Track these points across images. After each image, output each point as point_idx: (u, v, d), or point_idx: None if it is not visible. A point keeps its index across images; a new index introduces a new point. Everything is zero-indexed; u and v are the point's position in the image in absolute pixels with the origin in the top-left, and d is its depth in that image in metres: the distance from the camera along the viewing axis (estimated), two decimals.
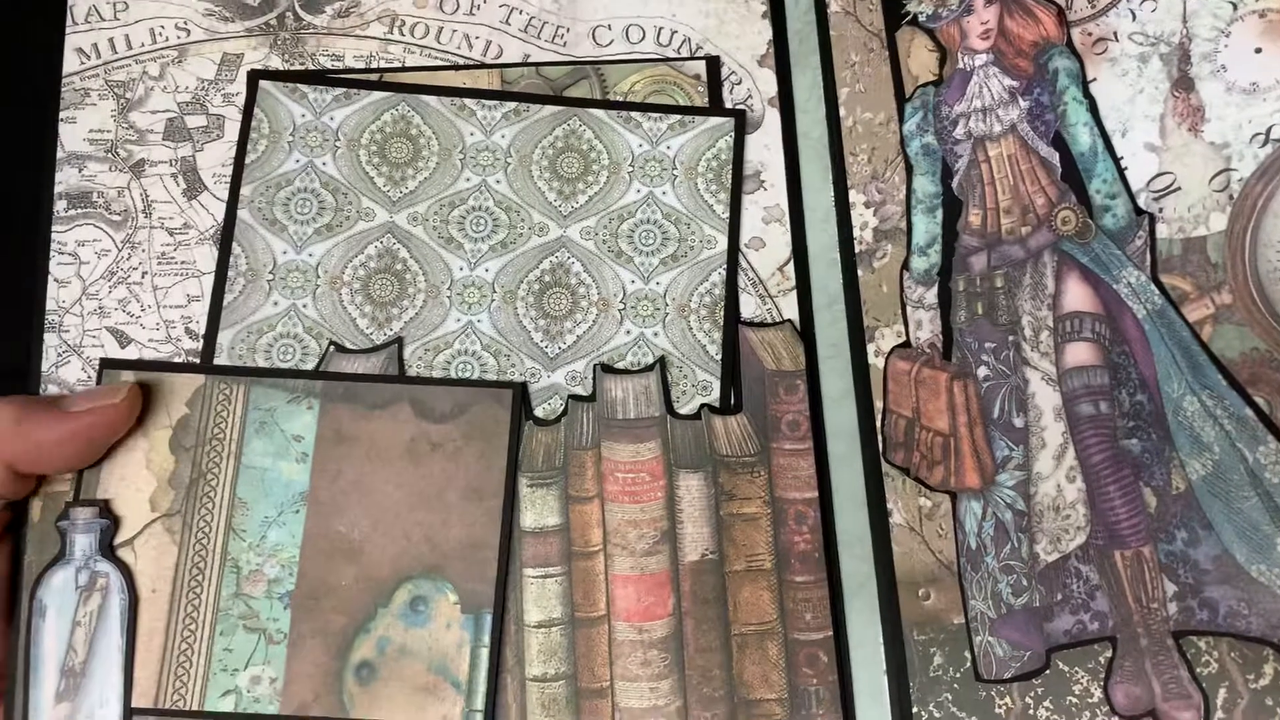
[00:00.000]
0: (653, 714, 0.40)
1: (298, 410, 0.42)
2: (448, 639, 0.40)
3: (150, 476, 0.41)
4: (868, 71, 0.46)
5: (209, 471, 0.41)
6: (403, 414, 0.42)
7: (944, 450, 0.43)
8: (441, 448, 0.41)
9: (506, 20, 0.47)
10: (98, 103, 0.45)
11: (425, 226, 0.44)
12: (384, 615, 0.40)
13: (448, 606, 0.40)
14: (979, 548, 0.42)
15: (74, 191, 0.44)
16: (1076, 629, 0.41)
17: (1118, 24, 0.43)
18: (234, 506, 0.41)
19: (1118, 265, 0.42)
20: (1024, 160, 0.43)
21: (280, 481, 0.41)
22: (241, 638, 0.40)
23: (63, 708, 0.39)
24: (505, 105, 0.45)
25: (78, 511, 0.40)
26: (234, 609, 0.40)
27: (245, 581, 0.40)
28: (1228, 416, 0.39)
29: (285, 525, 0.41)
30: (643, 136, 0.45)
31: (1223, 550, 0.40)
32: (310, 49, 0.46)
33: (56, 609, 0.40)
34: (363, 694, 0.39)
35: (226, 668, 0.39)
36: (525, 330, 0.43)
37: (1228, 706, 0.38)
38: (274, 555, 0.40)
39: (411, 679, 0.39)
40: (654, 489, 0.41)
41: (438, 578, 0.40)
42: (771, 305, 0.44)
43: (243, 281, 0.43)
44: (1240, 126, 0.41)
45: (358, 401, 0.42)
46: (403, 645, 0.40)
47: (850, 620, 0.41)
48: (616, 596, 0.40)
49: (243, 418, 0.41)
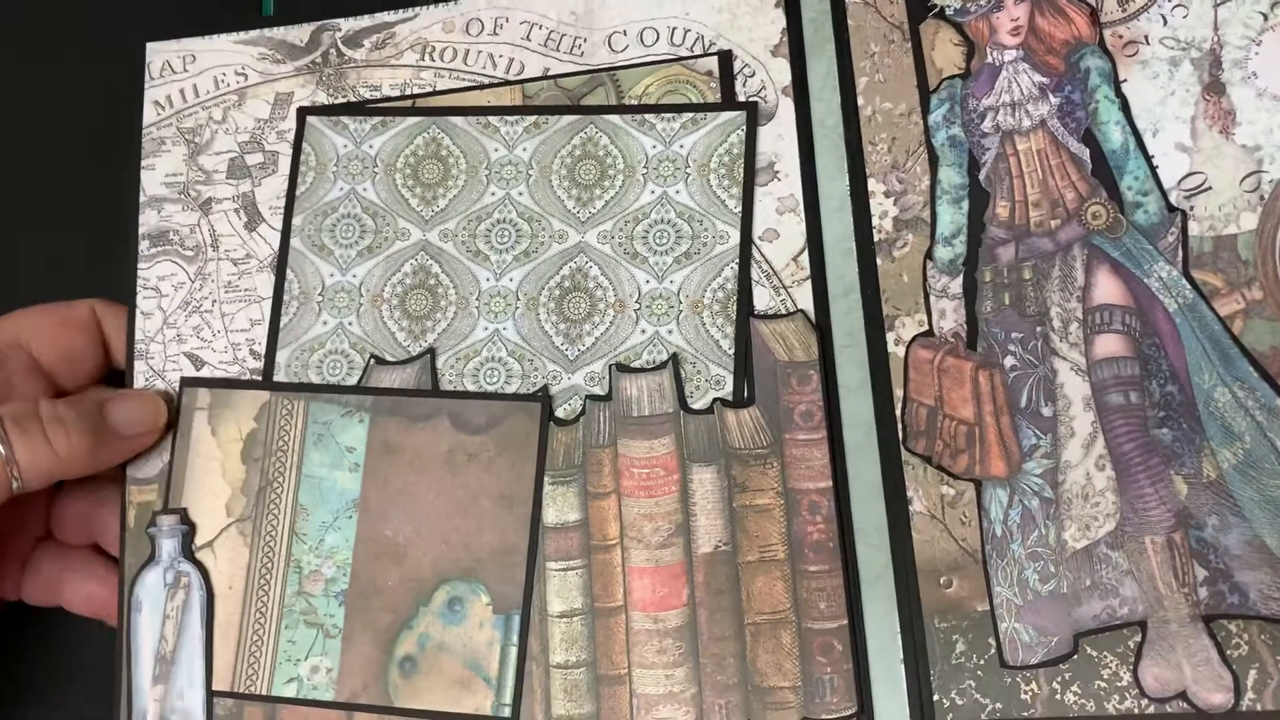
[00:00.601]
0: (668, 700, 0.41)
1: (350, 424, 0.45)
2: (480, 637, 0.43)
3: (225, 485, 0.46)
4: (888, 63, 0.46)
5: (275, 480, 0.45)
6: (442, 426, 0.45)
7: (968, 438, 0.43)
8: (477, 458, 0.44)
9: (527, 36, 0.49)
10: (171, 149, 0.50)
11: (455, 242, 0.47)
12: (425, 614, 0.43)
13: (481, 607, 0.43)
14: (1004, 535, 0.42)
15: (154, 231, 0.49)
16: (1105, 614, 0.40)
17: (1149, 28, 0.43)
18: (296, 512, 0.45)
19: (1149, 260, 0.42)
20: (1054, 155, 0.43)
21: (336, 490, 0.45)
22: (303, 631, 0.44)
23: (158, 689, 0.44)
24: (526, 119, 0.47)
25: (163, 519, 0.46)
26: (296, 605, 0.44)
27: (306, 580, 0.45)
28: (1259, 407, 0.40)
29: (340, 530, 0.45)
30: (656, 138, 0.46)
31: (1253, 536, 0.39)
32: (351, 82, 0.50)
33: (150, 604, 0.45)
34: (405, 685, 0.43)
35: (290, 658, 0.44)
36: (547, 335, 0.45)
37: (1258, 687, 0.38)
38: (331, 557, 0.44)
39: (448, 673, 0.43)
40: (668, 483, 0.43)
41: (473, 580, 0.43)
42: (786, 296, 0.44)
43: (296, 304, 0.47)
44: (1271, 130, 0.41)
45: (403, 415, 0.45)
46: (441, 642, 0.43)
47: (867, 609, 0.42)
48: (633, 587, 0.42)
49: (303, 431, 0.46)
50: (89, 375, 0.48)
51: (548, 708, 0.42)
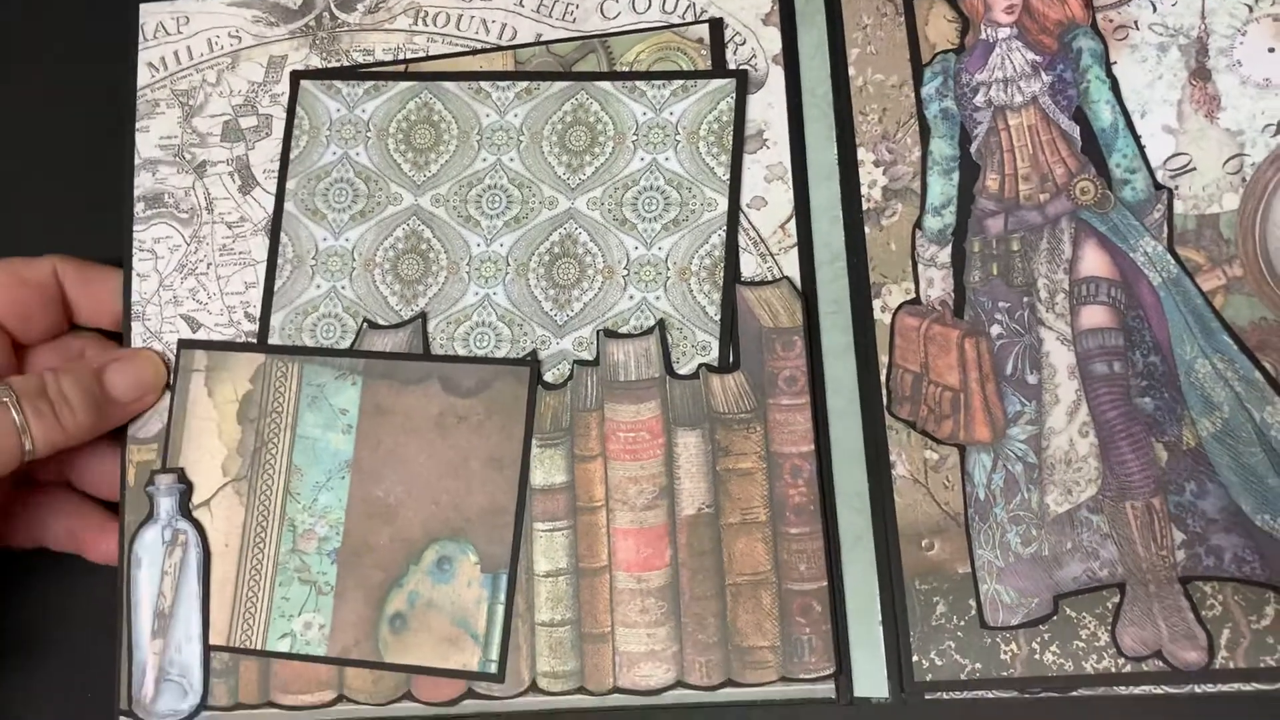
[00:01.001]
0: (650, 658, 0.42)
1: (344, 386, 0.46)
2: (468, 595, 0.44)
3: (221, 446, 0.47)
4: (880, 35, 0.46)
5: (270, 441, 0.46)
6: (433, 390, 0.45)
7: (953, 404, 0.43)
8: (466, 420, 0.45)
9: (520, 3, 0.49)
10: (165, 111, 0.50)
11: (446, 207, 0.47)
12: (415, 572, 0.44)
13: (469, 566, 0.44)
14: (987, 499, 0.42)
15: (149, 194, 0.50)
16: (1085, 576, 0.41)
17: (1138, 14, 0.44)
18: (290, 472, 0.46)
19: (1135, 235, 0.43)
20: (1044, 131, 0.44)
21: (329, 450, 0.46)
22: (296, 588, 0.45)
23: (157, 642, 0.46)
24: (517, 85, 0.48)
25: (161, 477, 0.47)
26: (290, 563, 0.45)
27: (300, 539, 0.45)
28: (1237, 379, 0.41)
29: (333, 490, 0.45)
30: (647, 105, 0.47)
31: (1229, 501, 0.40)
32: (345, 46, 0.50)
33: (148, 560, 0.46)
34: (395, 642, 0.44)
35: (284, 614, 0.45)
36: (536, 300, 0.46)
37: (1231, 646, 0.39)
38: (324, 516, 0.45)
39: (437, 630, 0.43)
40: (653, 447, 0.44)
41: (461, 539, 0.44)
42: (772, 263, 0.45)
43: (290, 268, 0.48)
44: (1254, 116, 0.42)
45: (394, 378, 0.46)
46: (430, 600, 0.44)
47: (847, 571, 0.42)
48: (617, 548, 0.43)
49: (297, 392, 0.46)
50: (45, 333, 0.48)
51: (533, 664, 0.43)
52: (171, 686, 0.45)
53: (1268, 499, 0.40)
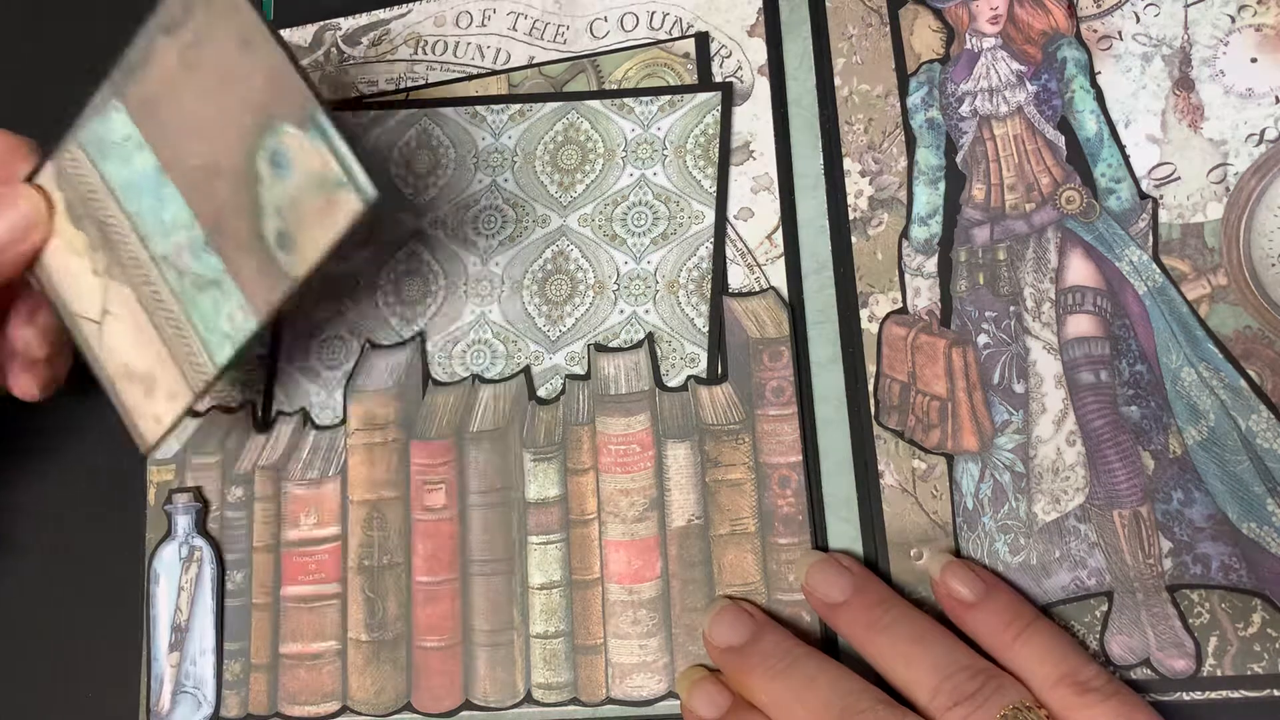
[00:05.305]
0: (642, 669, 0.43)
1: (111, 118, 0.43)
2: (312, 161, 0.39)
3: (80, 259, 0.44)
4: (865, 45, 0.46)
5: (104, 218, 0.44)
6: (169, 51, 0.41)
7: (941, 414, 0.43)
8: (198, 41, 0.40)
9: (513, 27, 0.50)
10: None
11: (445, 229, 0.49)
12: (263, 190, 0.40)
13: (293, 139, 0.39)
14: (976, 508, 0.42)
15: None
16: (1074, 585, 0.41)
17: (1122, 24, 0.44)
18: (133, 220, 0.43)
19: (1120, 244, 0.42)
20: (1029, 141, 0.44)
21: (140, 174, 0.42)
22: (203, 298, 0.42)
23: (174, 655, 0.47)
24: (511, 107, 0.49)
25: (178, 496, 0.49)
26: (185, 283, 0.42)
27: (175, 261, 0.42)
28: (1223, 387, 0.40)
29: (166, 199, 0.42)
30: (635, 121, 0.47)
31: (1216, 510, 0.40)
32: (352, 78, 0.52)
33: (166, 576, 0.48)
34: (291, 258, 0.40)
35: (210, 327, 0.42)
36: (530, 317, 0.47)
37: (1218, 654, 0.39)
38: (177, 226, 0.42)
39: (313, 213, 0.39)
40: (643, 459, 0.44)
41: (271, 131, 0.40)
42: (759, 273, 0.45)
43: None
44: (1237, 126, 0.42)
45: (138, 70, 0.42)
46: (290, 197, 0.40)
47: None
48: (609, 560, 0.44)
49: (90, 162, 0.44)
50: None
51: (528, 676, 0.44)
52: (186, 698, 0.47)
53: (1253, 506, 0.39)
